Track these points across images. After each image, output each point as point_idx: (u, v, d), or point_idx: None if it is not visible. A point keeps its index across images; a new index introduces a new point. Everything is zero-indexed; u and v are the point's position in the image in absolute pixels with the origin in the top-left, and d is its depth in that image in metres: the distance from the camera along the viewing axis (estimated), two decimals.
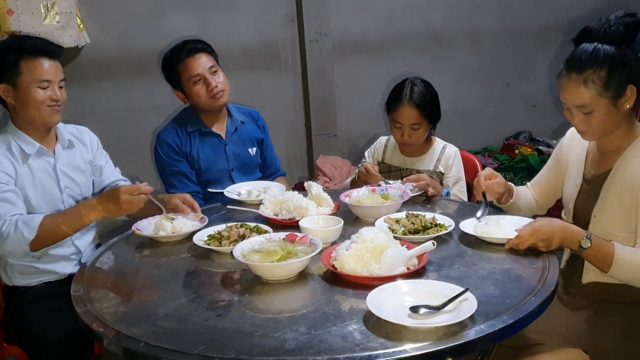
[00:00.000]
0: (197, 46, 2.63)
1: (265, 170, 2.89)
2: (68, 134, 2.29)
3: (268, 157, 2.89)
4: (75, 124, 2.39)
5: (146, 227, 2.10)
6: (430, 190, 2.33)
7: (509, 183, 2.13)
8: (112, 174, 2.45)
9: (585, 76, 1.73)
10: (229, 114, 2.76)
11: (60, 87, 2.16)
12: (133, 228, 2.07)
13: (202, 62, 2.60)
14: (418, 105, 2.48)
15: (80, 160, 2.31)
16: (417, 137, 2.54)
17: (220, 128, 2.73)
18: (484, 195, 2.00)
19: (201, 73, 2.59)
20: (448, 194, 2.48)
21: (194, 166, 2.68)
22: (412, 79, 2.55)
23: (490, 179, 2.03)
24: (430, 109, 2.52)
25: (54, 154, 2.22)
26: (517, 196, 2.14)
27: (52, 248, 2.12)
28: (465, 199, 2.55)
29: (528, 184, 2.25)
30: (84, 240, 2.27)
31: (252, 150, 2.80)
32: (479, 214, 1.95)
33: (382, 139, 2.74)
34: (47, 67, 2.11)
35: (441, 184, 2.55)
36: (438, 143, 2.64)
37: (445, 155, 2.59)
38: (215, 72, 2.62)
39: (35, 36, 2.22)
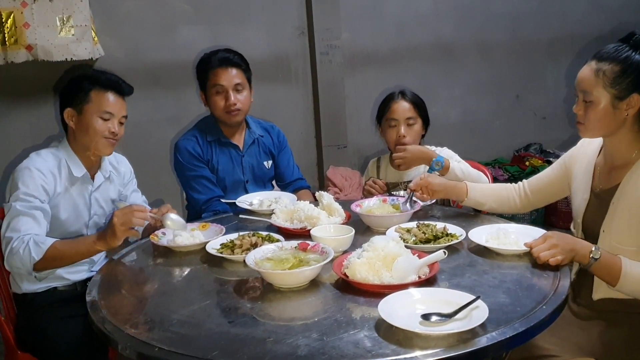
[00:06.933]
0: (233, 59, 2.67)
1: (283, 179, 2.91)
2: (109, 164, 2.36)
3: (282, 168, 2.91)
4: None
5: (162, 236, 2.12)
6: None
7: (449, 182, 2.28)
8: (136, 202, 2.46)
9: (600, 66, 1.79)
10: (247, 126, 2.82)
11: (121, 123, 2.23)
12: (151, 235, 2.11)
13: (230, 76, 2.64)
14: (411, 100, 2.58)
15: (113, 193, 2.38)
16: (412, 135, 2.57)
17: (238, 139, 2.79)
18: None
19: (225, 86, 2.64)
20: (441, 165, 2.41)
21: (213, 174, 2.72)
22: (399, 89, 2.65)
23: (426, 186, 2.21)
24: (421, 106, 2.60)
25: (94, 180, 2.28)
26: (474, 181, 2.31)
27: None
28: (461, 159, 2.58)
29: (523, 181, 2.24)
30: None
31: (268, 164, 2.86)
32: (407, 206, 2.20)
33: (371, 162, 2.81)
34: (113, 100, 2.19)
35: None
36: None
37: None
38: (240, 89, 2.66)
39: (110, 73, 2.28)
